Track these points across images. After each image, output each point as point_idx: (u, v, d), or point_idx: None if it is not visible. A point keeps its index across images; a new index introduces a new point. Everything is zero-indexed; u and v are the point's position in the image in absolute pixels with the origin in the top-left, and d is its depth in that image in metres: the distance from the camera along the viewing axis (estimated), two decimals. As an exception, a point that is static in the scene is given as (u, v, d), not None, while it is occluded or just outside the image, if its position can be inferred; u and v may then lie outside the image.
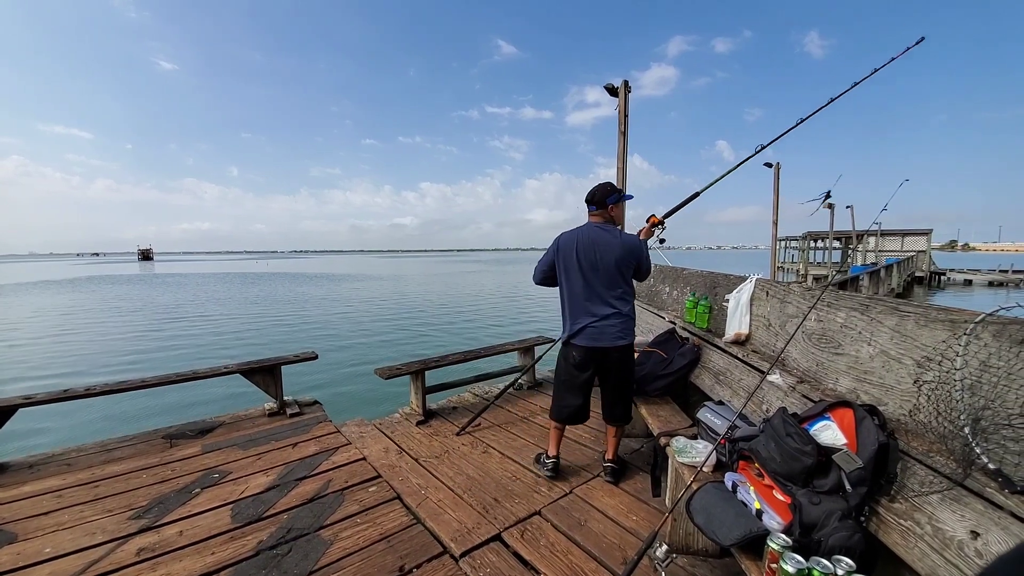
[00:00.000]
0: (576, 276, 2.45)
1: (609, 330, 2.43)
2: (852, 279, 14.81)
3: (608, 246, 2.41)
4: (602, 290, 2.42)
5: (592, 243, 2.42)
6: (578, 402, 2.59)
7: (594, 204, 2.51)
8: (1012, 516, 1.10)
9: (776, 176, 10.12)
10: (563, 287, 2.54)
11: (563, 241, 2.51)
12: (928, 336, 1.47)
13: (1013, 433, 1.19)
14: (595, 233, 2.45)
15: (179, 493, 2.50)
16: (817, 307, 1.96)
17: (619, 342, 2.45)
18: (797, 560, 1.26)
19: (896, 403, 1.56)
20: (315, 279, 37.32)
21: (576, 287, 2.46)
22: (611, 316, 2.43)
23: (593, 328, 2.43)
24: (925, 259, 31.24)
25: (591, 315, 2.44)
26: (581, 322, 2.45)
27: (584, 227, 2.52)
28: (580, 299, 2.46)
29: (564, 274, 2.51)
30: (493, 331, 13.01)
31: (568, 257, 2.47)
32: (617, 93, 4.90)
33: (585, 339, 2.45)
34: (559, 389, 2.65)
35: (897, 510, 1.35)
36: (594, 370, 2.54)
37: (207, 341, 11.93)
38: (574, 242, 2.46)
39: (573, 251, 2.45)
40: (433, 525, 2.24)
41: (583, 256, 2.42)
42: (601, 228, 2.47)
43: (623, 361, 2.52)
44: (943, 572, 1.17)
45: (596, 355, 2.48)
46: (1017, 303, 1.25)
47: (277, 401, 3.68)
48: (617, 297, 2.44)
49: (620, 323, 2.45)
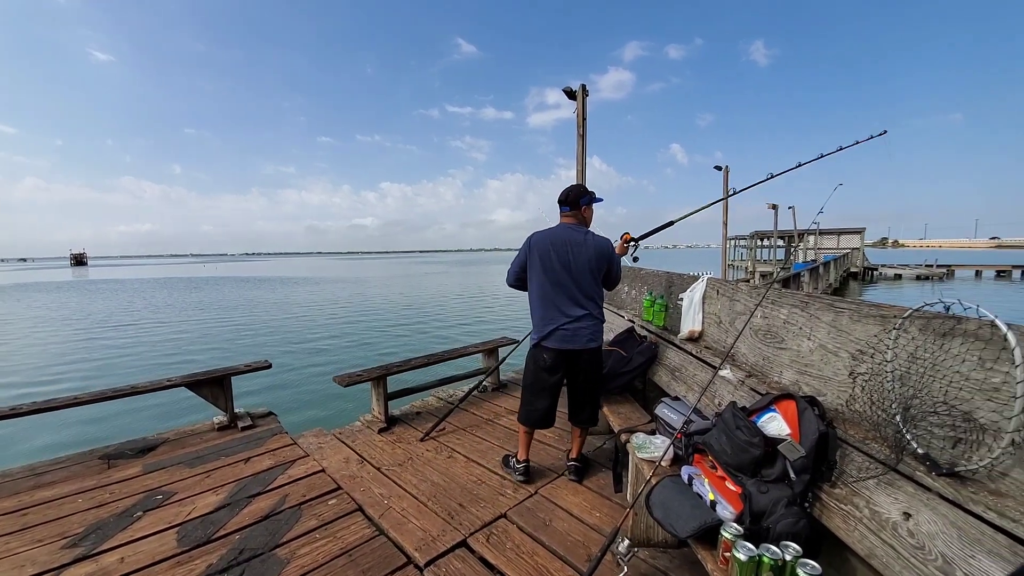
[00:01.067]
0: (549, 277, 2.42)
1: (582, 332, 2.43)
2: (795, 276, 15.73)
3: (582, 247, 2.41)
4: (575, 292, 2.42)
5: (566, 244, 2.41)
6: (547, 405, 2.57)
7: (568, 205, 2.51)
8: (940, 497, 1.19)
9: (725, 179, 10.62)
10: (535, 288, 2.50)
11: (536, 241, 2.48)
12: (861, 331, 1.58)
13: (939, 420, 1.29)
14: (568, 234, 2.45)
15: (119, 517, 2.33)
16: (763, 305, 2.07)
17: (591, 344, 2.47)
18: (748, 548, 1.32)
19: (834, 394, 1.67)
20: (268, 283, 35.75)
21: (549, 288, 2.43)
22: (584, 318, 2.43)
23: (565, 330, 2.42)
24: (859, 256, 33.64)
25: (564, 316, 2.41)
26: (553, 323, 2.42)
27: (558, 228, 2.51)
28: (553, 300, 2.43)
29: (537, 275, 2.47)
30: (457, 332, 12.92)
31: (542, 258, 2.43)
32: (575, 97, 4.99)
33: (556, 341, 2.43)
34: (528, 392, 2.62)
35: (838, 495, 1.44)
36: (564, 373, 2.53)
37: (148, 352, 11.17)
38: (548, 243, 2.44)
39: (547, 252, 2.42)
40: (396, 535, 2.20)
41: (557, 257, 2.40)
42: (574, 229, 2.47)
43: (593, 364, 2.54)
44: (880, 552, 1.26)
45: (567, 358, 2.47)
46: (940, 299, 1.36)
47: (227, 414, 3.49)
48: (589, 299, 2.45)
49: (592, 325, 2.46)
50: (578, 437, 2.73)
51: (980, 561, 1.05)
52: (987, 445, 1.18)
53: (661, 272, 3.43)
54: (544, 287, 2.45)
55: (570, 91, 4.98)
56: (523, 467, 2.68)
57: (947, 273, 32.73)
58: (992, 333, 1.20)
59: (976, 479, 1.19)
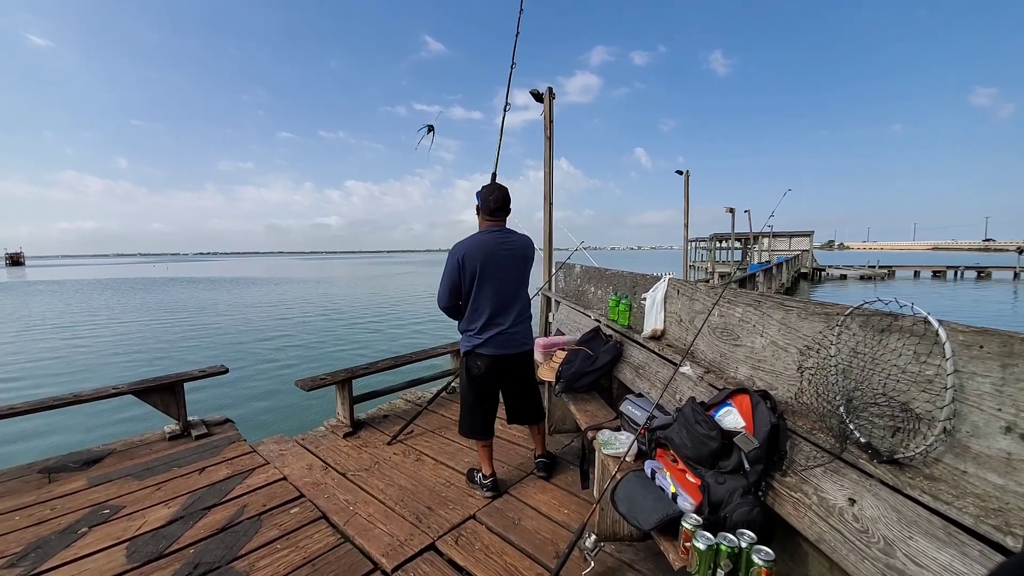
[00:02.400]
0: (487, 286, 2.34)
1: (516, 337, 2.45)
2: (750, 276, 16.46)
3: (517, 250, 2.41)
4: (512, 297, 2.41)
5: (502, 248, 2.36)
6: (489, 413, 2.54)
7: (501, 211, 2.42)
8: (881, 483, 1.28)
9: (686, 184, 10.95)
10: (470, 299, 2.39)
11: (466, 254, 2.32)
12: (808, 327, 1.68)
13: (879, 410, 1.38)
14: (503, 238, 2.39)
15: (61, 534, 2.18)
16: (720, 304, 2.16)
17: (524, 347, 2.50)
18: (707, 537, 1.38)
19: (784, 387, 1.76)
20: (224, 284, 34.22)
21: (486, 297, 2.35)
22: (519, 323, 2.45)
23: (503, 336, 2.39)
24: (808, 257, 35.46)
25: (502, 323, 2.38)
26: (490, 331, 2.37)
27: (492, 234, 2.38)
28: (490, 308, 2.36)
29: (473, 286, 2.35)
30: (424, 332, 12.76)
31: (478, 267, 2.31)
32: (543, 100, 5.03)
33: (492, 347, 2.39)
34: (467, 403, 2.55)
35: (788, 483, 1.52)
36: (501, 378, 2.52)
37: (91, 359, 10.48)
38: (480, 252, 2.32)
39: (484, 262, 2.31)
40: (363, 542, 2.15)
41: (495, 264, 2.33)
42: (507, 233, 2.43)
43: (528, 364, 2.60)
44: (828, 537, 1.34)
45: (503, 363, 2.45)
46: (878, 297, 1.45)
47: (180, 422, 3.32)
48: (523, 301, 2.48)
49: (525, 328, 2.50)
50: (538, 434, 2.76)
51: (917, 542, 1.13)
52: (922, 433, 1.27)
53: (626, 273, 3.51)
54: (481, 297, 2.36)
55: (537, 94, 5.01)
56: (491, 482, 2.56)
57: (888, 274, 34.98)
58: (925, 329, 1.29)
59: (913, 465, 1.28)
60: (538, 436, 2.76)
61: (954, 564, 1.04)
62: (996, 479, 1.12)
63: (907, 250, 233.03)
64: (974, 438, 1.17)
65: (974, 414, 1.17)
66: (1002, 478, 1.11)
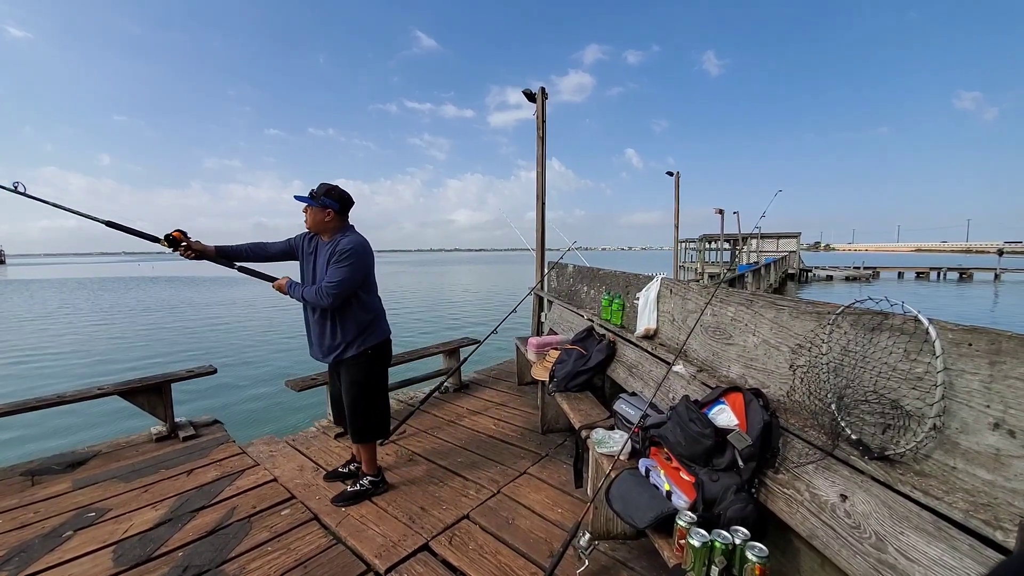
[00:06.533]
0: (374, 279, 2.54)
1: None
2: (739, 276, 16.64)
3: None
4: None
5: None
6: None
7: (346, 212, 2.46)
8: (872, 479, 1.30)
9: (676, 186, 11.04)
10: (371, 293, 2.52)
11: (369, 250, 2.45)
12: (800, 326, 1.70)
13: (870, 407, 1.41)
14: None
15: (46, 538, 2.13)
16: (712, 303, 2.18)
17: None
18: (701, 534, 1.39)
19: (776, 385, 1.78)
20: (211, 283, 33.68)
21: (376, 289, 2.57)
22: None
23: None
24: (795, 258, 35.93)
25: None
26: (384, 318, 2.60)
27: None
28: (379, 300, 2.59)
29: (372, 279, 2.52)
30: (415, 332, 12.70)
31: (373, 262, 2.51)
32: (535, 99, 5.03)
33: (389, 332, 2.62)
34: (380, 399, 2.61)
35: (781, 480, 1.53)
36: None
37: (75, 359, 10.26)
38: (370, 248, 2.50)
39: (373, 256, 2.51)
40: (355, 543, 2.13)
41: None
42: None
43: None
44: (820, 533, 1.35)
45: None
46: (869, 296, 1.48)
47: (167, 424, 3.27)
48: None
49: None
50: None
51: (908, 537, 1.14)
52: (912, 430, 1.29)
53: (618, 273, 3.53)
54: (375, 290, 2.56)
55: (530, 93, 5.02)
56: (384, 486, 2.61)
57: (873, 274, 35.57)
58: (915, 327, 1.31)
59: (903, 461, 1.30)
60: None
61: (944, 558, 1.06)
62: (985, 475, 1.14)
63: (891, 251, 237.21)
64: (963, 434, 1.19)
65: (963, 411, 1.19)
66: (991, 473, 1.13)
